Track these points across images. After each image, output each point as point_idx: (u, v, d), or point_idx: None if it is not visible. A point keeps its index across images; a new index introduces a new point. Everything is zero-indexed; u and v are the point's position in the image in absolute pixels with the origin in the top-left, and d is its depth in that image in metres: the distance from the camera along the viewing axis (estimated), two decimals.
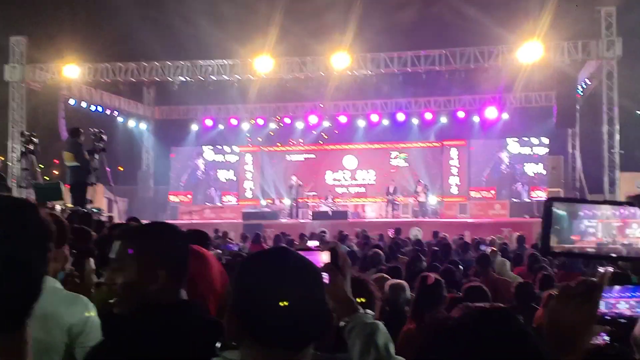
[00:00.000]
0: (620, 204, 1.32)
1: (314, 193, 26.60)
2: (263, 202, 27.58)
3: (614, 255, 1.41)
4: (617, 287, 2.03)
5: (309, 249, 2.01)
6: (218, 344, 1.75)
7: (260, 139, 30.21)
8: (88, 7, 31.84)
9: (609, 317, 1.91)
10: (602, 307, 1.71)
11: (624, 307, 1.93)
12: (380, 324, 1.96)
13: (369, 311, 2.00)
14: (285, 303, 1.51)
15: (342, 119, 29.25)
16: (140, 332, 2.07)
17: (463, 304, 1.42)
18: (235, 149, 29.41)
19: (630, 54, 21.50)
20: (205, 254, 3.43)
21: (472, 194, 26.78)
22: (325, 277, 1.86)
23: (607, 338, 2.10)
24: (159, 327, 2.07)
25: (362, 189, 27.65)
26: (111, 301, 2.23)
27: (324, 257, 1.95)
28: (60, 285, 3.24)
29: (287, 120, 29.85)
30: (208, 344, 1.71)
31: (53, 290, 3.02)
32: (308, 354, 1.60)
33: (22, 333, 1.45)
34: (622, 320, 1.86)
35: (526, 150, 26.65)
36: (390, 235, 16.04)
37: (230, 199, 28.57)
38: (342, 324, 1.94)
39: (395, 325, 3.98)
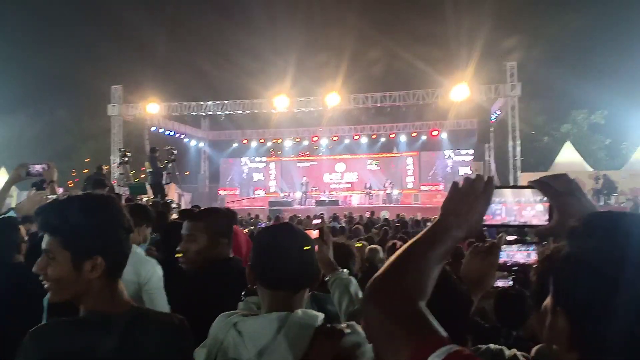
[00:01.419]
0: (522, 187, 1.29)
1: (316, 188, 26.55)
2: (282, 194, 27.47)
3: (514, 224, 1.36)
4: (515, 245, 2.08)
5: (305, 229, 1.92)
6: (243, 293, 1.76)
7: (280, 152, 30.29)
8: (163, 66, 31.93)
9: (508, 264, 1.94)
10: (505, 257, 1.72)
11: (519, 257, 1.99)
12: (352, 279, 1.94)
13: (345, 270, 1.97)
14: (279, 261, 1.51)
15: (334, 138, 29.33)
16: (211, 276, 2.13)
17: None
18: (263, 159, 29.45)
19: (526, 94, 21.68)
20: (236, 229, 3.50)
21: (422, 187, 26.83)
22: (315, 247, 1.83)
23: (511, 283, 2.13)
24: (221, 274, 2.15)
25: (349, 185, 27.70)
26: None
27: (314, 233, 1.93)
28: (141, 250, 3.22)
29: (298, 139, 29.90)
30: (244, 284, 1.69)
31: (135, 253, 3.10)
32: (303, 295, 1.58)
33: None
34: (516, 268, 1.89)
35: (458, 158, 26.73)
36: (367, 216, 16.12)
37: (260, 193, 28.49)
38: (327, 279, 1.94)
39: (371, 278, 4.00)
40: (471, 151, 26.43)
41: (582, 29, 32.05)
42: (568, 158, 24.28)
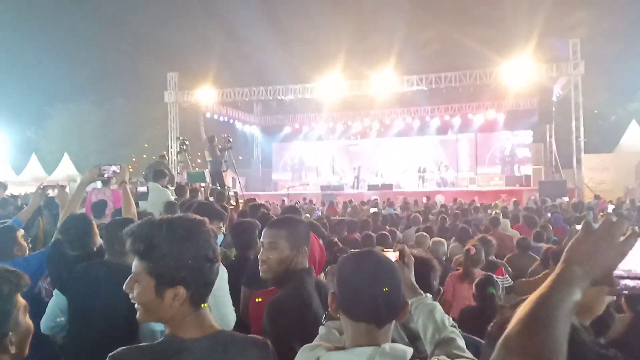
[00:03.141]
0: None
1: (368, 171, 26.25)
2: (334, 179, 27.37)
3: None
4: None
5: (383, 250, 1.86)
6: (324, 316, 1.70)
7: (332, 136, 30.21)
8: (217, 54, 32.42)
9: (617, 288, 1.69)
10: None
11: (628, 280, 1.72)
12: (437, 304, 1.84)
13: (429, 295, 1.87)
14: (364, 295, 1.44)
15: (387, 121, 28.98)
16: (296, 287, 2.11)
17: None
18: (315, 143, 29.49)
19: (590, 72, 20.67)
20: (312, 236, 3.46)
21: (479, 170, 26.16)
22: None
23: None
24: (299, 284, 2.13)
25: (402, 169, 27.16)
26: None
27: (394, 255, 1.85)
28: None
29: (350, 123, 29.75)
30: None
31: None
32: (389, 329, 1.50)
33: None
34: (626, 292, 1.63)
35: (516, 140, 25.86)
36: (423, 201, 15.83)
37: (312, 177, 28.46)
38: (409, 302, 1.78)
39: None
40: (530, 132, 25.48)
41: None
42: (634, 138, 23.01)
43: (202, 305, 1.50)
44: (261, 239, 2.27)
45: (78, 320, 2.78)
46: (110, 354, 1.44)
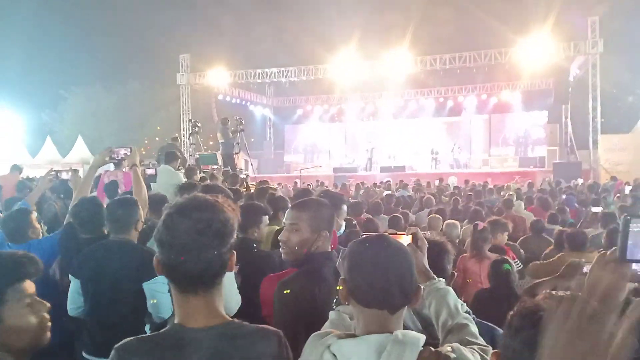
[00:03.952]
0: None
1: (381, 153, 26.17)
2: (346, 160, 27.21)
3: None
4: None
5: (396, 233, 1.81)
6: (334, 300, 1.65)
7: (344, 118, 30.05)
8: (229, 35, 32.23)
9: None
10: (634, 266, 1.47)
11: None
12: (450, 289, 1.79)
13: (442, 279, 1.82)
14: (376, 281, 1.40)
15: (400, 102, 28.74)
16: (310, 270, 2.07)
17: (547, 293, 1.16)
18: (327, 125, 29.37)
19: (609, 51, 20.24)
20: None
21: (492, 151, 25.91)
22: None
23: None
24: (315, 267, 2.08)
25: (415, 150, 27.00)
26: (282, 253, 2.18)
27: (406, 238, 1.78)
28: None
29: (363, 104, 29.55)
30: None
31: None
32: (402, 314, 1.46)
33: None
34: None
35: (531, 120, 25.50)
36: (436, 183, 15.71)
37: (324, 159, 28.37)
38: (422, 287, 1.70)
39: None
40: (545, 113, 25.13)
41: None
42: None
43: (212, 295, 1.44)
44: (284, 220, 2.23)
45: (89, 299, 2.91)
46: (115, 346, 1.40)
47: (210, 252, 1.39)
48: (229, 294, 2.82)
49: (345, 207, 3.52)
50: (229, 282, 2.84)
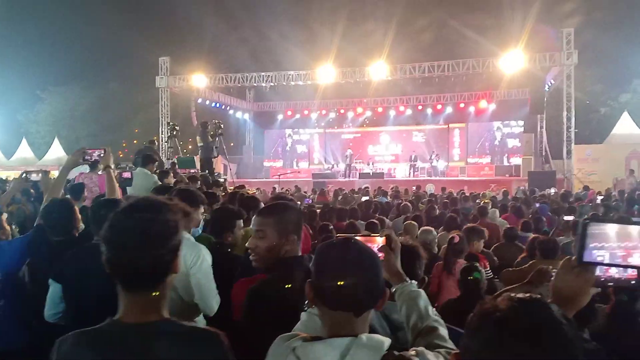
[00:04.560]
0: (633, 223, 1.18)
1: (361, 160, 26.26)
2: (326, 166, 27.34)
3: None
4: None
5: (370, 235, 1.84)
6: (306, 302, 1.65)
7: (324, 124, 30.12)
8: (209, 39, 32.10)
9: (602, 280, 1.69)
10: (598, 272, 1.51)
11: (614, 271, 1.75)
12: (422, 292, 1.80)
13: (414, 282, 1.82)
14: (342, 283, 1.39)
15: (379, 109, 28.92)
16: (280, 275, 2.05)
17: (506, 294, 1.17)
18: (308, 131, 29.38)
19: (583, 62, 20.67)
20: None
21: (469, 160, 26.20)
22: (381, 255, 1.73)
23: None
24: (286, 272, 2.05)
25: (393, 157, 27.32)
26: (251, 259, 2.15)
27: (380, 240, 1.81)
28: (190, 236, 3.14)
29: (342, 111, 29.66)
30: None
31: (185, 240, 3.08)
32: (367, 317, 1.46)
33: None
34: (611, 283, 1.64)
35: (507, 130, 25.88)
36: (413, 190, 15.82)
37: (304, 165, 28.40)
38: (393, 289, 1.80)
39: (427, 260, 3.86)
40: (521, 122, 25.53)
41: None
42: (625, 129, 23.09)
43: (153, 294, 1.45)
44: (251, 226, 2.21)
45: (74, 305, 2.82)
46: (57, 340, 1.46)
47: (149, 252, 1.41)
48: (209, 294, 2.88)
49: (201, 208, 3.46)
50: (209, 282, 2.90)
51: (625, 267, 1.23)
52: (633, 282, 1.23)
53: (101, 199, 3.33)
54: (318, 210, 7.52)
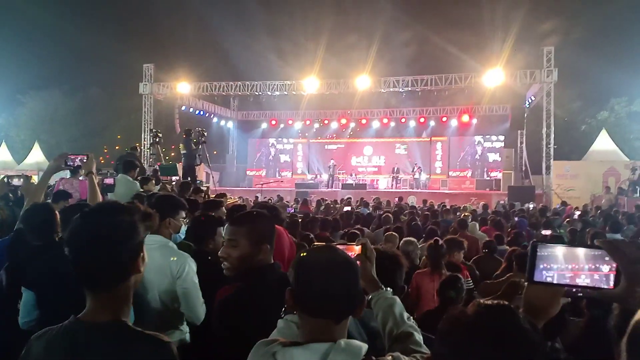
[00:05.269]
0: (588, 246, 1.24)
1: (344, 171, 26.44)
2: (309, 176, 27.42)
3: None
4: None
5: (347, 244, 1.85)
6: (283, 309, 1.66)
7: (308, 134, 30.20)
8: (194, 46, 32.02)
9: (573, 291, 1.73)
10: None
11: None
12: (397, 299, 1.83)
13: (389, 289, 1.85)
14: (324, 290, 1.42)
15: (363, 121, 29.09)
16: (255, 284, 2.06)
17: (475, 301, 1.22)
18: (291, 140, 29.42)
19: (563, 80, 21.09)
20: (280, 230, 3.32)
21: (450, 173, 26.48)
22: (357, 263, 1.71)
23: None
24: (263, 280, 2.08)
25: (376, 169, 27.52)
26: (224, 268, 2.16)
27: (356, 248, 1.83)
28: (174, 244, 3.18)
29: (326, 122, 29.78)
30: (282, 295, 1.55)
31: (167, 248, 3.06)
32: (346, 324, 1.47)
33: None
34: (581, 294, 1.68)
35: (488, 144, 26.24)
36: (395, 201, 15.89)
37: (287, 174, 28.48)
38: (369, 297, 1.83)
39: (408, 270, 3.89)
40: (502, 137, 25.94)
41: (624, 12, 30.81)
42: (603, 146, 23.59)
43: (107, 295, 1.49)
44: (223, 235, 2.23)
45: (50, 310, 2.77)
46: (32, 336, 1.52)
47: (103, 253, 1.45)
48: (196, 303, 2.91)
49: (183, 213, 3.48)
50: (196, 291, 2.92)
51: (573, 287, 1.29)
52: (604, 286, 1.28)
53: (74, 204, 3.32)
54: (300, 220, 7.53)
